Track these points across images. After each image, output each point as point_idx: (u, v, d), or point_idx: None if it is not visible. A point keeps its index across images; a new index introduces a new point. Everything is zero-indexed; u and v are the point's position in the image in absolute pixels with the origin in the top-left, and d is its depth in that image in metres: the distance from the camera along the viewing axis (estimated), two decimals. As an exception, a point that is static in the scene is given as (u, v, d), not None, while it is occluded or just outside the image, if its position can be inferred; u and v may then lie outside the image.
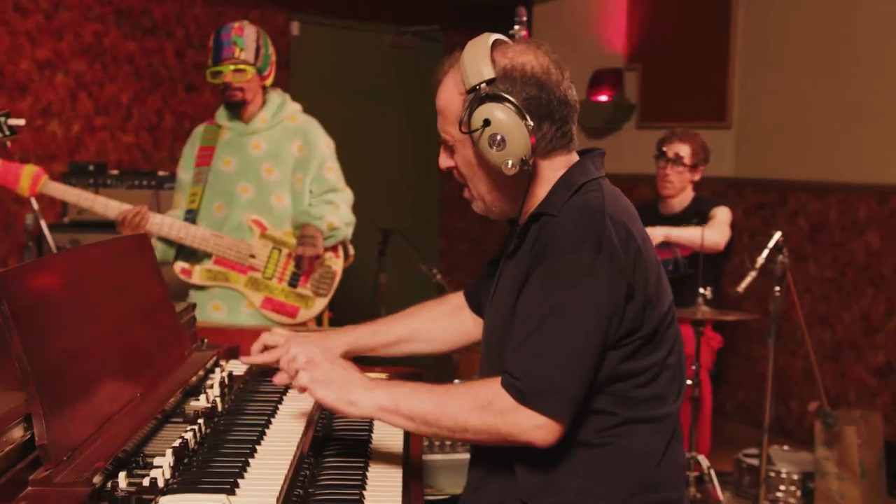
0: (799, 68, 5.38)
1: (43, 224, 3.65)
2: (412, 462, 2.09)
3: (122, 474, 1.49)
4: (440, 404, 1.78)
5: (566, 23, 6.66)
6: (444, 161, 1.96)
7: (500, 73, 1.80)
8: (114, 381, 1.75)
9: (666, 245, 4.32)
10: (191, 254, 3.70)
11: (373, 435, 2.13)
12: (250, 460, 1.72)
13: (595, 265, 1.71)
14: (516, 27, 4.08)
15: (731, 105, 5.76)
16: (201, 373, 2.17)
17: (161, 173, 5.00)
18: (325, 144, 3.81)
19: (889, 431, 4.90)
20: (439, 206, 7.27)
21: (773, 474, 4.59)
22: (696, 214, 4.40)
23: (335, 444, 2.07)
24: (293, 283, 3.69)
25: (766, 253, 3.84)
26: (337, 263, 3.77)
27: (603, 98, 6.21)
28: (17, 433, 1.43)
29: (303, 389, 1.84)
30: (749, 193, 5.77)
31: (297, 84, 6.35)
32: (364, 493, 1.80)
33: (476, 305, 2.24)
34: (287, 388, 2.19)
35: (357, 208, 3.87)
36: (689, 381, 3.88)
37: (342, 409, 1.81)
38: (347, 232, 3.79)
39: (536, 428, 1.70)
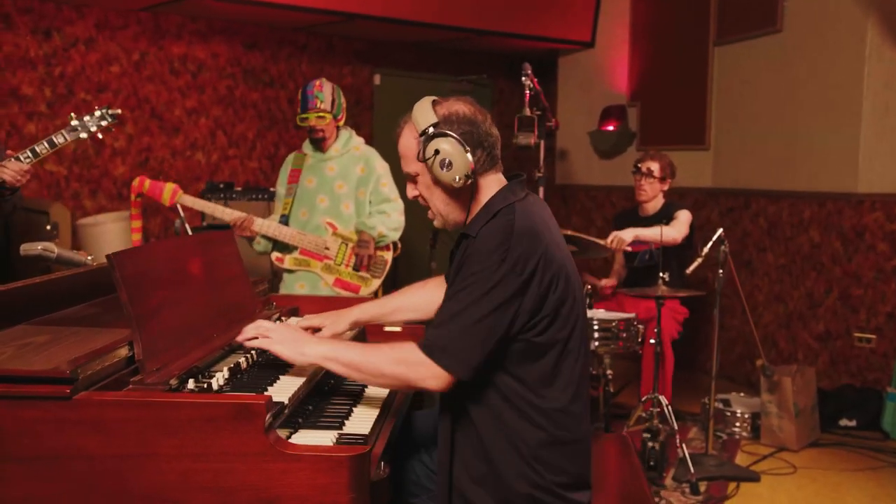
0: (759, 104, 5.47)
1: (187, 227, 4.00)
2: (390, 404, 2.15)
3: (191, 380, 1.82)
4: (367, 355, 1.86)
5: (583, 70, 6.79)
6: (411, 192, 2.05)
7: (441, 118, 1.93)
8: (197, 323, 2.04)
9: (640, 241, 4.52)
10: (283, 247, 3.91)
11: (366, 389, 2.23)
12: (280, 376, 1.99)
13: (497, 272, 1.81)
14: (523, 78, 4.35)
15: (709, 132, 5.86)
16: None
17: (272, 189, 5.29)
18: (380, 166, 3.97)
19: (825, 383, 5.02)
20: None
21: (728, 414, 4.74)
22: (666, 216, 4.58)
23: (338, 389, 2.21)
24: (356, 268, 3.89)
25: (710, 244, 4.00)
26: (388, 255, 3.97)
27: (610, 128, 6.34)
28: (123, 352, 1.77)
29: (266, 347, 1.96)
30: (722, 200, 5.88)
31: (379, 122, 6.55)
32: (346, 421, 1.93)
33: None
34: None
35: (416, 214, 4.05)
36: (651, 341, 4.08)
37: (296, 358, 1.93)
38: (395, 236, 3.93)
39: (434, 377, 1.80)
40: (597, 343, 4.10)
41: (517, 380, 1.90)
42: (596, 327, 4.09)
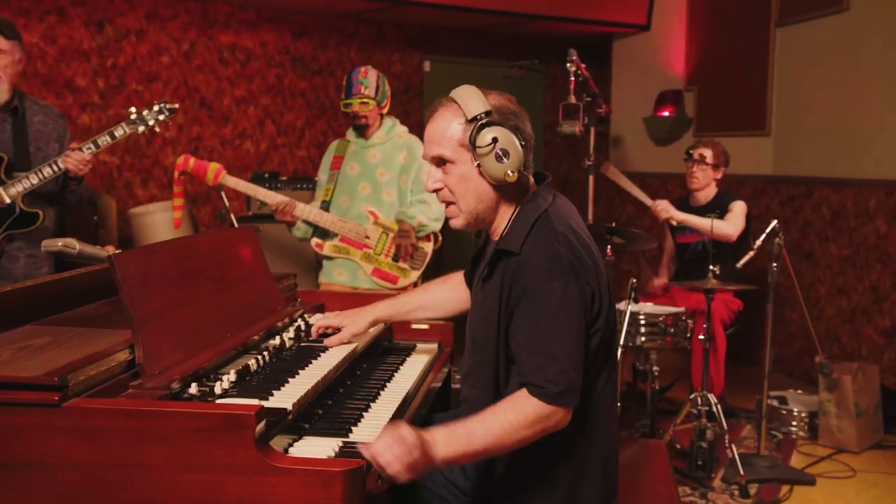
0: (823, 87, 5.20)
1: (232, 216, 3.99)
2: (404, 408, 2.07)
3: (194, 384, 1.77)
4: (496, 433, 1.68)
5: (638, 54, 6.59)
6: (433, 183, 1.90)
7: (494, 108, 1.82)
8: (207, 324, 1.99)
9: (694, 230, 4.35)
10: (324, 233, 3.87)
11: (381, 391, 2.17)
12: (290, 379, 1.92)
13: (566, 287, 1.71)
14: (568, 64, 4.20)
15: (769, 117, 5.61)
16: (287, 320, 2.41)
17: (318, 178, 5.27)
18: (423, 155, 3.96)
19: (891, 381, 4.76)
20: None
21: (784, 412, 4.55)
22: (718, 206, 4.40)
23: (353, 391, 2.14)
24: (395, 258, 3.83)
25: (763, 236, 3.81)
26: (428, 246, 3.88)
27: (666, 113, 6.14)
28: (124, 355, 1.72)
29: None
30: (783, 188, 5.63)
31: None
32: (354, 427, 1.84)
33: (469, 284, 2.20)
34: (327, 342, 2.28)
35: None
36: (700, 336, 3.91)
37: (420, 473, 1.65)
38: (435, 226, 3.84)
39: (566, 416, 1.72)
40: (643, 339, 3.95)
41: None
42: (643, 322, 3.95)
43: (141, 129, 3.23)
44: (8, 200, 3.10)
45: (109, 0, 5.25)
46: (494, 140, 1.78)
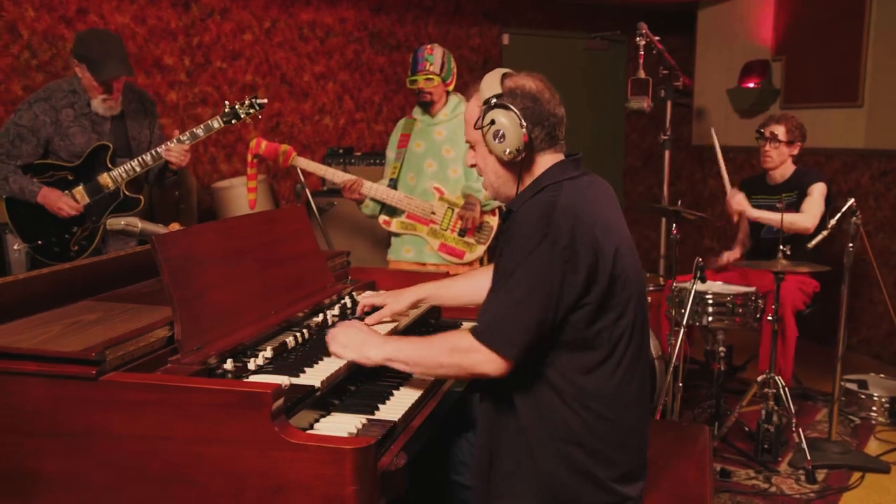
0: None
1: (307, 191, 4.13)
2: (436, 386, 2.14)
3: (230, 360, 1.87)
4: (424, 350, 1.87)
5: (724, 23, 6.35)
6: (469, 159, 2.05)
7: (505, 91, 1.92)
8: (250, 302, 2.09)
9: (771, 207, 4.20)
10: (391, 210, 3.95)
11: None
12: (324, 357, 1.99)
13: (538, 247, 1.76)
14: (638, 38, 4.13)
15: (863, 87, 5.32)
16: (334, 297, 2.50)
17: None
18: None
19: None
20: (622, 174, 7.17)
21: (864, 396, 4.38)
22: (796, 186, 4.25)
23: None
24: (462, 234, 3.86)
25: (838, 215, 3.66)
26: (494, 221, 3.89)
27: (751, 84, 5.91)
28: (164, 332, 1.83)
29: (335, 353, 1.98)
30: (875, 162, 5.36)
31: (508, 82, 6.56)
32: (381, 405, 1.93)
33: None
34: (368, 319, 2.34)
35: None
36: (769, 318, 3.80)
37: (360, 361, 1.94)
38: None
39: (487, 362, 1.78)
40: (710, 318, 3.88)
41: (563, 367, 1.84)
42: (710, 301, 3.88)
43: (234, 121, 3.50)
44: (113, 186, 3.40)
45: (195, -20, 5.43)
46: (492, 122, 1.89)
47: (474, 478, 1.96)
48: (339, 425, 1.75)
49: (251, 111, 3.52)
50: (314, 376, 1.88)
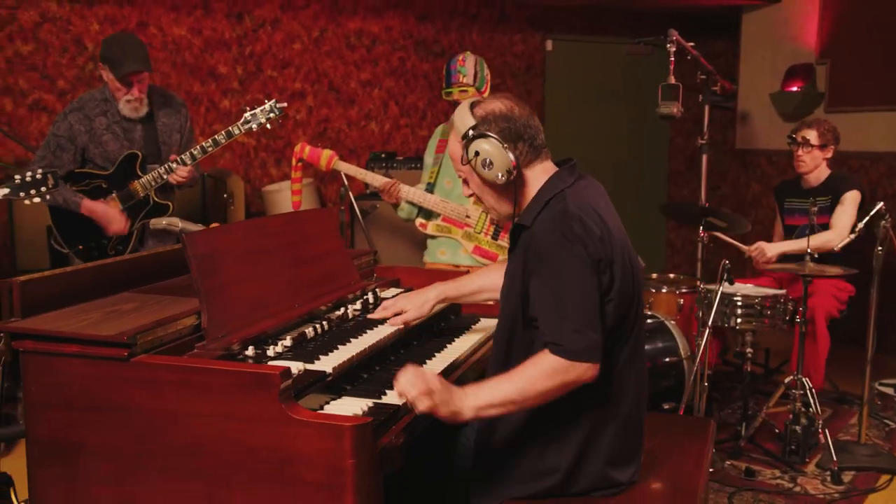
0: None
1: (351, 195, 4.33)
2: (467, 359, 2.38)
3: (251, 347, 2.05)
4: (519, 386, 1.87)
5: (769, 27, 6.35)
6: (466, 191, 2.13)
7: (479, 120, 2.00)
8: (275, 296, 2.27)
9: (804, 212, 4.23)
10: (427, 213, 4.07)
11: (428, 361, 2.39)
12: (340, 346, 2.16)
13: (571, 257, 1.87)
14: (668, 45, 4.21)
15: (911, 90, 5.32)
16: (358, 293, 2.67)
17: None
18: None
19: None
20: (667, 178, 7.20)
21: (899, 400, 4.39)
22: (831, 191, 4.28)
23: (420, 344, 2.41)
24: (495, 236, 3.96)
25: (867, 218, 3.69)
26: None
27: (794, 88, 5.92)
28: (192, 320, 2.03)
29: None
30: (920, 166, 5.33)
31: (551, 88, 6.57)
32: (389, 390, 2.00)
33: None
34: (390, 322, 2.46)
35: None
36: (798, 319, 3.85)
37: (452, 420, 1.89)
38: None
39: (586, 371, 1.86)
40: (739, 320, 3.95)
41: None
42: (739, 303, 3.94)
43: (254, 126, 3.53)
44: (143, 193, 3.57)
45: (250, -7, 5.71)
46: (476, 153, 1.98)
47: (474, 462, 2.10)
48: (347, 407, 1.92)
49: (271, 115, 3.53)
50: (327, 363, 2.05)
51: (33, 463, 1.92)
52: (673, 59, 4.18)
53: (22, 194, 2.59)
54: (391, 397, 2.02)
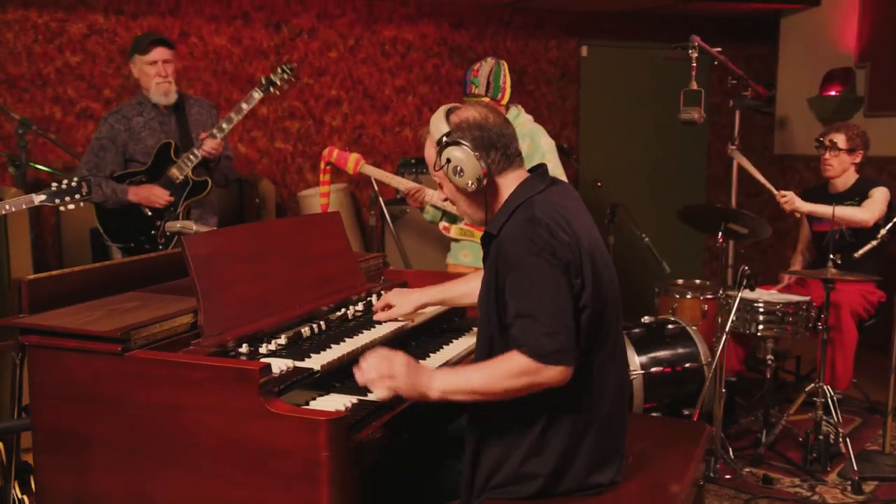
0: None
1: (381, 199, 4.44)
2: (459, 361, 2.44)
3: (245, 344, 2.14)
4: (485, 378, 1.93)
5: (807, 31, 6.26)
6: (441, 195, 2.20)
7: (453, 127, 2.06)
8: (275, 296, 2.35)
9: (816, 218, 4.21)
10: (451, 217, 4.11)
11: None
12: (333, 345, 2.24)
13: (539, 262, 1.90)
14: (690, 51, 4.20)
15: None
16: (362, 295, 2.75)
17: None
18: (545, 143, 4.00)
19: None
20: (705, 183, 7.12)
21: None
22: (858, 194, 4.23)
23: (417, 346, 2.47)
24: None
25: (889, 226, 3.64)
26: None
27: (833, 93, 5.83)
28: (188, 318, 2.14)
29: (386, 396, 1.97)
30: (960, 171, 5.21)
31: (586, 94, 6.56)
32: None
33: None
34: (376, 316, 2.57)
35: (590, 188, 3.96)
36: (819, 326, 3.81)
37: (418, 399, 1.98)
38: None
39: (557, 374, 1.90)
40: (761, 326, 3.93)
41: None
42: (761, 310, 3.92)
43: (271, 89, 3.96)
44: (181, 176, 3.82)
45: (286, 3, 5.85)
46: (448, 160, 2.04)
47: (464, 464, 2.13)
48: (332, 403, 2.00)
49: (284, 76, 3.96)
50: (317, 361, 2.13)
51: (38, 450, 2.05)
52: (695, 64, 4.18)
53: (57, 201, 2.81)
54: (376, 394, 2.09)
